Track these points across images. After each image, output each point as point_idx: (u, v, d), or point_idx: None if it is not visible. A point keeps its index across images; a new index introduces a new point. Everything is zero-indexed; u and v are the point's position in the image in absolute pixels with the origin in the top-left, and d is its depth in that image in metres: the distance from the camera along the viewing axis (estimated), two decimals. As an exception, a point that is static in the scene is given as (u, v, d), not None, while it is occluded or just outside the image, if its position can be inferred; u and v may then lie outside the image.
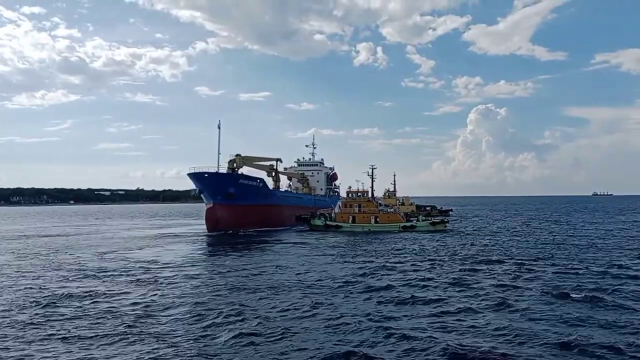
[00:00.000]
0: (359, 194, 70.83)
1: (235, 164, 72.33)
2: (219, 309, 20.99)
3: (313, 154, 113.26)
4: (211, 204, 67.05)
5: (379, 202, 73.34)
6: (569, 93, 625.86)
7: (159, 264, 36.45)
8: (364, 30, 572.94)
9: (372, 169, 72.64)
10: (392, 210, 70.99)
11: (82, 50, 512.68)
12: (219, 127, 69.55)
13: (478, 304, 21.19)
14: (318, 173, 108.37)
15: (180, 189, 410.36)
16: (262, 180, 76.17)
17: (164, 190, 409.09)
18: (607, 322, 17.92)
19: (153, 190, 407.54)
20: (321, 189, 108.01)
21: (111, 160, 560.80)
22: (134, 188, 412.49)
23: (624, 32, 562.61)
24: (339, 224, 67.90)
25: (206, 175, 66.31)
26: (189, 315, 20.17)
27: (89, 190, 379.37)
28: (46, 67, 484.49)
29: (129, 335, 17.37)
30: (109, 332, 17.79)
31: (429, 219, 70.51)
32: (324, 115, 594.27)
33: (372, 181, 72.86)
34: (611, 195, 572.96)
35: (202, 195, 69.94)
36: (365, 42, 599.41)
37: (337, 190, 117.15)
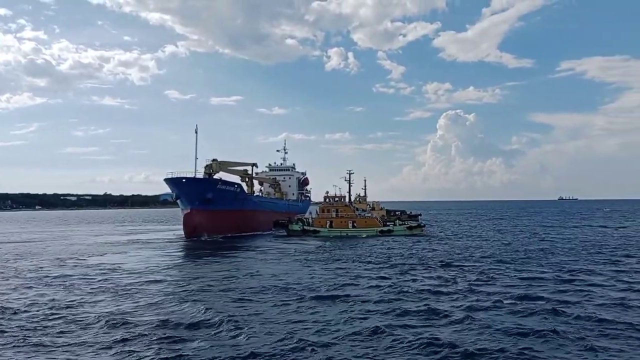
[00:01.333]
0: (336, 199, 71.32)
1: (212, 169, 71.89)
2: (182, 317, 20.68)
3: (284, 159, 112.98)
4: (188, 210, 66.32)
5: (356, 207, 73.80)
6: (535, 99, 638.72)
7: (123, 270, 35.46)
8: (336, 35, 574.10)
9: (349, 174, 73.27)
10: (369, 214, 71.61)
11: (49, 53, 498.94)
12: (196, 132, 68.97)
13: (442, 314, 20.70)
14: (290, 178, 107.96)
15: (149, 193, 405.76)
16: (239, 185, 75.73)
17: (133, 195, 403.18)
18: (567, 335, 17.50)
19: (121, 195, 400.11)
20: (293, 194, 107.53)
21: (78, 165, 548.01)
22: (101, 193, 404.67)
23: (589, 41, 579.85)
24: (317, 228, 68.07)
25: (184, 180, 65.60)
26: (150, 324, 19.64)
27: (55, 195, 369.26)
28: (12, 69, 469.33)
29: (88, 345, 17.01)
30: (69, 342, 17.32)
31: (406, 223, 71.41)
32: (296, 119, 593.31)
33: (349, 186, 73.53)
34: (576, 199, 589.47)
35: (178, 200, 69.36)
36: (336, 47, 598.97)
37: (309, 195, 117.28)
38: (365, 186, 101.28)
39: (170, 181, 66.77)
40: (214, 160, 73.13)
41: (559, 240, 56.88)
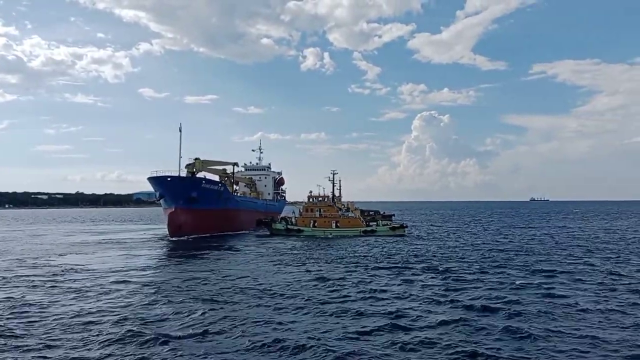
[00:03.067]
0: (320, 198, 71.83)
1: (195, 168, 71.78)
2: (144, 322, 19.95)
3: (260, 159, 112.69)
4: (173, 209, 65.79)
5: (339, 206, 74.33)
6: (508, 101, 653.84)
7: (93, 271, 34.49)
8: (311, 35, 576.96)
9: (333, 174, 73.99)
10: (352, 214, 72.31)
11: (20, 49, 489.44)
12: (180, 131, 68.85)
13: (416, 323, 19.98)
14: (266, 177, 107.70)
15: (122, 192, 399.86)
16: (223, 184, 75.69)
17: (105, 194, 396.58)
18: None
19: (93, 194, 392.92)
20: (269, 194, 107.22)
21: (49, 163, 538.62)
22: (73, 192, 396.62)
23: (560, 44, 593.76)
24: (301, 228, 68.48)
25: (169, 179, 65.30)
26: (110, 326, 19.39)
27: (26, 193, 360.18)
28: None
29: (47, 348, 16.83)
30: (29, 345, 17.13)
31: (389, 223, 72.48)
32: (271, 119, 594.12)
33: (333, 186, 74.17)
34: (547, 200, 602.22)
35: (162, 200, 68.91)
36: (312, 47, 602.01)
37: (284, 195, 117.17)
38: (340, 186, 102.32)
39: (154, 180, 66.39)
40: (196, 159, 73.00)
41: (529, 241, 57.46)
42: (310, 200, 71.63)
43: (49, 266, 37.81)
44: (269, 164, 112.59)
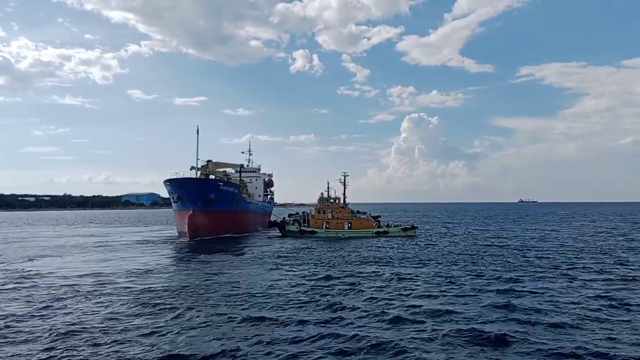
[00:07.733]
0: (331, 200, 72.93)
1: (208, 170, 72.73)
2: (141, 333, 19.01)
3: (250, 161, 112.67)
4: (190, 211, 65.61)
5: (351, 208, 75.30)
6: (496, 104, 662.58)
7: (77, 276, 33.23)
8: (300, 37, 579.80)
9: (345, 176, 74.85)
10: (364, 216, 73.55)
11: (7, 50, 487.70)
12: (197, 132, 69.64)
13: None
14: (256, 179, 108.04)
15: (110, 194, 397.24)
16: (237, 186, 76.56)
17: (93, 196, 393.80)
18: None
19: (81, 196, 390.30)
20: (259, 196, 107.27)
21: (37, 165, 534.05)
22: (60, 194, 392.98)
23: (547, 47, 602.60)
24: (314, 229, 69.49)
25: (188, 181, 66.11)
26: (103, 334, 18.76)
27: (12, 195, 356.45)
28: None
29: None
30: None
31: (400, 224, 74.00)
32: (260, 121, 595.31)
33: (344, 188, 75.10)
34: (536, 202, 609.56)
35: (178, 202, 69.33)
36: (301, 49, 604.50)
37: (273, 196, 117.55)
38: (328, 188, 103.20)
39: (172, 182, 67.01)
40: (209, 161, 74.11)
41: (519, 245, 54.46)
42: (322, 202, 72.67)
43: (47, 270, 36.36)
44: (259, 166, 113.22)
